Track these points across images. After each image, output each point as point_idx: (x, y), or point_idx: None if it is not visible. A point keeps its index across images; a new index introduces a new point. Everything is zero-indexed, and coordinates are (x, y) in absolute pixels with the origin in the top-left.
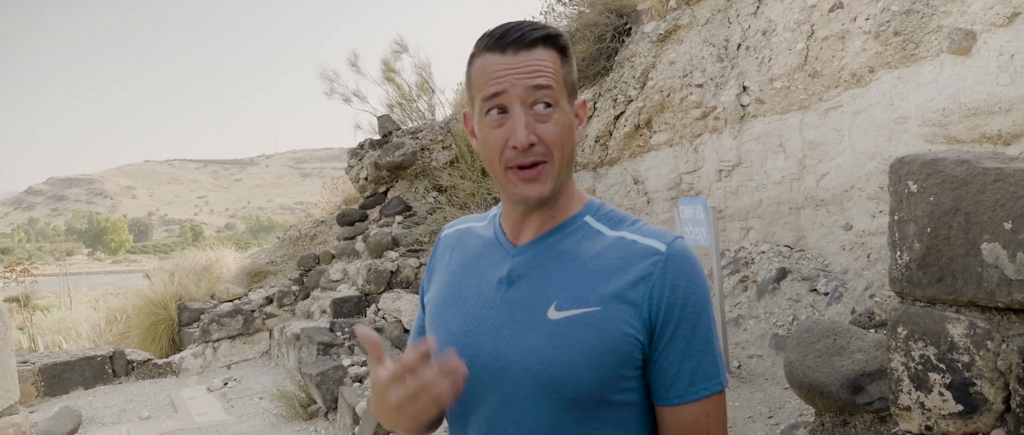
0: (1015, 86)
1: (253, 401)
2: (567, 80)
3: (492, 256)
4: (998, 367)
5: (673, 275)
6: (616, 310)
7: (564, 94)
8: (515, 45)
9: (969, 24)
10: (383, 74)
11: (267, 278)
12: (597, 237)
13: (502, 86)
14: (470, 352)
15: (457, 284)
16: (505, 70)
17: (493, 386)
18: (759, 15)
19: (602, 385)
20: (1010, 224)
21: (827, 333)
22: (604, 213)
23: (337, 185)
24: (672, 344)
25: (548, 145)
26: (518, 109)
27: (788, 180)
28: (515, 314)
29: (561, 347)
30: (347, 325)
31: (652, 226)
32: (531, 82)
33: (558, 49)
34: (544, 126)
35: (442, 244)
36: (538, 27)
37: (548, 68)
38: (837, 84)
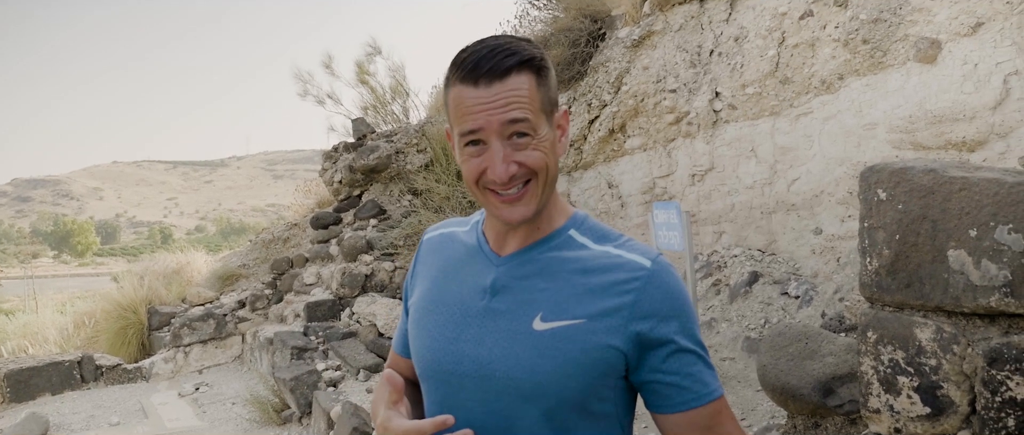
0: (979, 94)
1: (225, 406)
2: (545, 100)
3: (476, 264)
4: (964, 370)
5: (658, 291)
6: (600, 323)
7: (542, 117)
8: (487, 77)
9: (935, 33)
10: (357, 76)
11: (239, 281)
12: (581, 250)
13: (478, 122)
14: (452, 359)
15: (440, 290)
16: (479, 105)
17: (475, 393)
18: (731, 22)
19: (583, 395)
20: (975, 232)
21: (799, 337)
22: (589, 227)
23: (310, 188)
24: (662, 356)
25: (530, 168)
26: (496, 143)
27: (760, 185)
28: (499, 324)
29: (546, 358)
30: (321, 329)
31: (637, 243)
32: (505, 116)
33: (533, 70)
34: (523, 153)
35: (424, 247)
36: (511, 52)
37: (523, 97)
38: (807, 91)
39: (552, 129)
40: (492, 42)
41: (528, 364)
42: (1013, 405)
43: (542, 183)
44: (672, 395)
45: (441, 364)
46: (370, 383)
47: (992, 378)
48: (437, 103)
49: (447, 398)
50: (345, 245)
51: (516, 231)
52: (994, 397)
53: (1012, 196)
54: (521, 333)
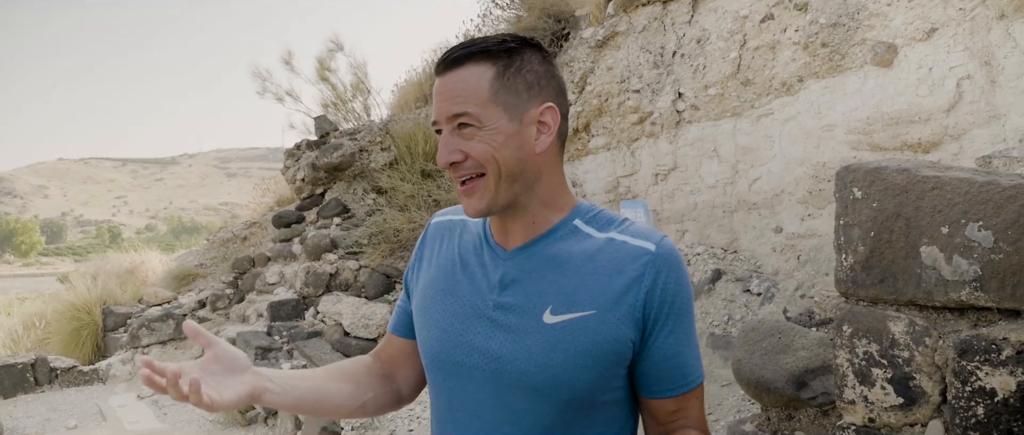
0: (933, 97)
1: (187, 408)
2: (502, 93)
3: (483, 257)
4: (935, 362)
5: (665, 274)
6: (611, 313)
7: (495, 109)
8: (443, 66)
9: (891, 38)
10: (318, 73)
11: (196, 281)
12: (587, 240)
13: (436, 113)
14: (463, 351)
15: (448, 279)
16: (437, 93)
17: (486, 386)
18: (693, 24)
19: (595, 386)
20: (947, 229)
21: (772, 332)
22: (593, 215)
23: (269, 186)
24: (664, 341)
25: (476, 159)
26: (445, 131)
27: (722, 184)
28: (509, 318)
29: (558, 351)
30: (285, 329)
31: (639, 226)
32: (448, 109)
33: (494, 61)
34: (466, 144)
35: (431, 232)
36: (472, 44)
37: (469, 88)
38: (768, 92)
39: (517, 123)
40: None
41: (540, 358)
42: (982, 394)
43: (495, 178)
44: (660, 380)
45: (450, 356)
46: None
47: (962, 369)
48: (401, 101)
49: (457, 389)
50: (308, 244)
51: (515, 225)
52: (964, 387)
53: (982, 195)
54: (532, 327)
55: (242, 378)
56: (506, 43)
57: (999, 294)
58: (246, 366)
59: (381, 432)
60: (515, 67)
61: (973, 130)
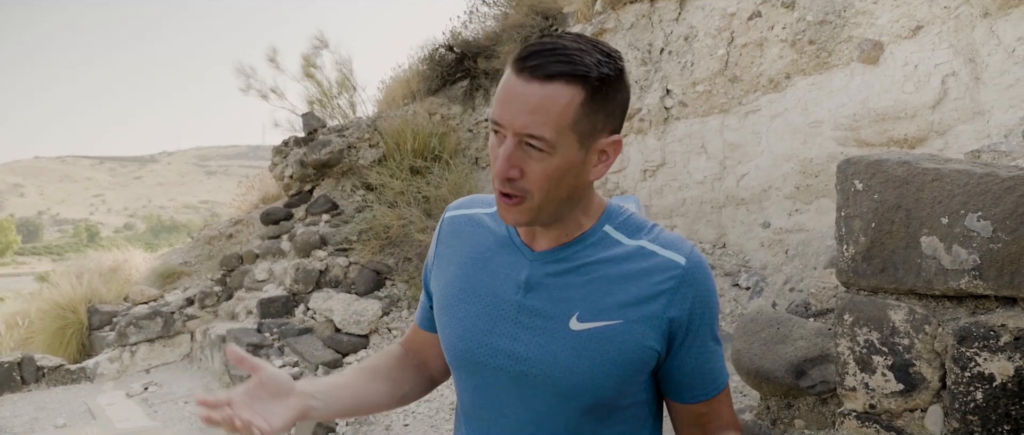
0: (919, 94)
1: (177, 405)
2: (587, 122)
3: (507, 256)
4: (935, 348)
5: (693, 288)
6: (638, 324)
7: (570, 137)
8: (530, 73)
9: (877, 35)
10: (302, 70)
11: (181, 279)
12: (617, 247)
13: (503, 116)
14: (487, 352)
15: (469, 278)
16: (512, 97)
17: (510, 387)
18: (681, 21)
19: (620, 392)
20: (946, 219)
21: (771, 322)
22: (622, 221)
23: (253, 183)
24: (689, 351)
25: (529, 183)
26: (510, 141)
27: (710, 180)
28: (535, 321)
29: (584, 358)
30: (276, 325)
31: (668, 234)
32: (525, 127)
33: (585, 87)
34: (530, 164)
35: (446, 227)
36: (569, 60)
37: (553, 111)
38: (756, 89)
39: (584, 152)
40: (565, 42)
41: (566, 364)
42: (981, 379)
43: (539, 202)
44: (689, 387)
45: (474, 355)
46: None
47: (961, 355)
48: (388, 98)
49: (481, 388)
50: (297, 241)
51: (547, 232)
52: (963, 373)
53: (981, 186)
54: (558, 333)
55: (288, 402)
56: (602, 68)
57: (997, 282)
58: (291, 388)
59: (376, 427)
60: (602, 95)
61: (958, 126)
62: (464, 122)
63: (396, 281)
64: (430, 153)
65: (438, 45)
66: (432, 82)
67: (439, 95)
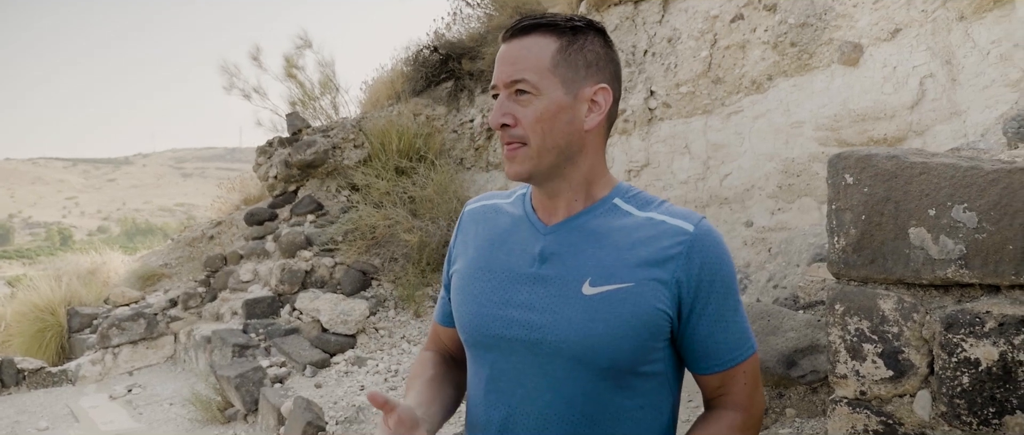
0: (898, 95)
1: (162, 407)
2: (561, 67)
3: (523, 233)
4: (923, 336)
5: (701, 254)
6: (648, 286)
7: (553, 80)
8: (510, 34)
9: (857, 38)
10: (285, 70)
11: (161, 281)
12: (627, 217)
13: (495, 76)
14: (501, 324)
15: (486, 258)
16: (500, 59)
17: (525, 357)
18: (664, 23)
19: (634, 356)
20: (934, 211)
21: (762, 315)
22: (632, 195)
23: (235, 185)
24: (704, 318)
25: (524, 128)
26: (502, 94)
27: (693, 180)
28: (549, 289)
29: (597, 321)
30: (262, 326)
31: (678, 207)
32: (509, 74)
33: (559, 34)
34: (520, 110)
35: (466, 219)
36: (539, 17)
37: (530, 57)
38: (738, 90)
39: (571, 97)
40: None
41: (580, 327)
42: (967, 364)
43: (537, 147)
44: (704, 357)
45: (489, 329)
46: (317, 378)
47: (948, 342)
48: (372, 98)
49: (496, 363)
50: (283, 241)
51: (560, 201)
52: (950, 358)
53: (966, 178)
54: (571, 297)
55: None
56: (573, 21)
57: (982, 271)
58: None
59: (367, 426)
60: (578, 44)
61: (936, 126)
62: (449, 123)
63: (383, 281)
64: (415, 153)
65: (422, 46)
66: (416, 83)
67: (424, 96)
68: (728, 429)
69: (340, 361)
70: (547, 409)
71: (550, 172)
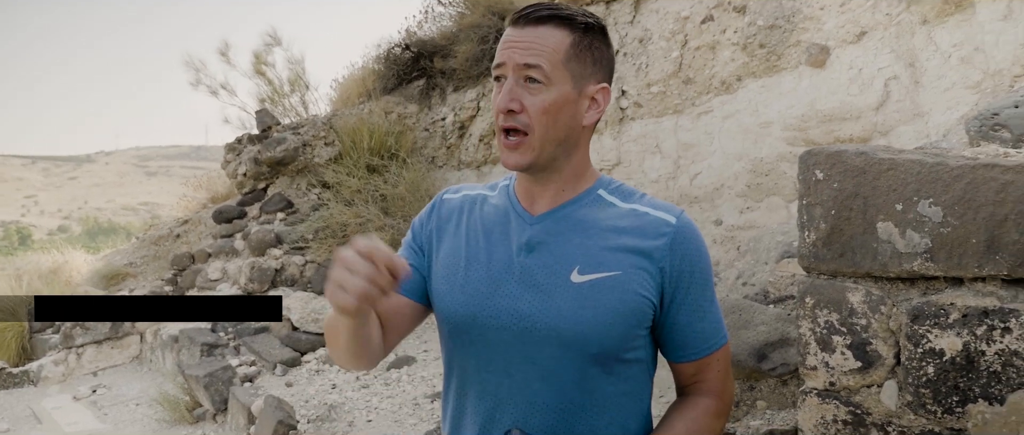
0: (863, 96)
1: (129, 408)
2: (573, 62)
3: (508, 224)
4: (890, 327)
5: (683, 245)
6: (634, 274)
7: (564, 74)
8: (525, 20)
9: (824, 40)
10: (253, 67)
11: (126, 280)
12: (611, 208)
13: (503, 58)
14: (489, 314)
15: (470, 248)
16: (510, 43)
17: (515, 346)
18: (636, 24)
19: (621, 343)
20: (901, 206)
21: (734, 309)
22: (615, 187)
23: (201, 182)
24: (684, 307)
25: (530, 117)
26: (511, 78)
27: (664, 179)
28: (537, 278)
29: (586, 308)
30: (231, 325)
31: (659, 200)
32: (523, 59)
33: (573, 30)
34: (529, 98)
35: (446, 207)
36: (556, 7)
37: (546, 46)
38: (708, 91)
39: (577, 93)
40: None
41: (570, 314)
42: (932, 355)
43: (540, 138)
44: (683, 346)
45: (478, 319)
46: (288, 377)
47: (914, 333)
48: (343, 96)
49: (484, 352)
50: (252, 239)
51: (546, 191)
52: (916, 349)
53: (932, 174)
54: (560, 285)
55: None
56: (586, 18)
57: (946, 264)
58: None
59: (339, 424)
60: (588, 41)
61: (899, 127)
62: (420, 121)
63: None
64: (387, 152)
65: (394, 44)
66: (388, 81)
67: (395, 94)
68: (704, 414)
69: (311, 360)
70: (536, 397)
71: (547, 163)
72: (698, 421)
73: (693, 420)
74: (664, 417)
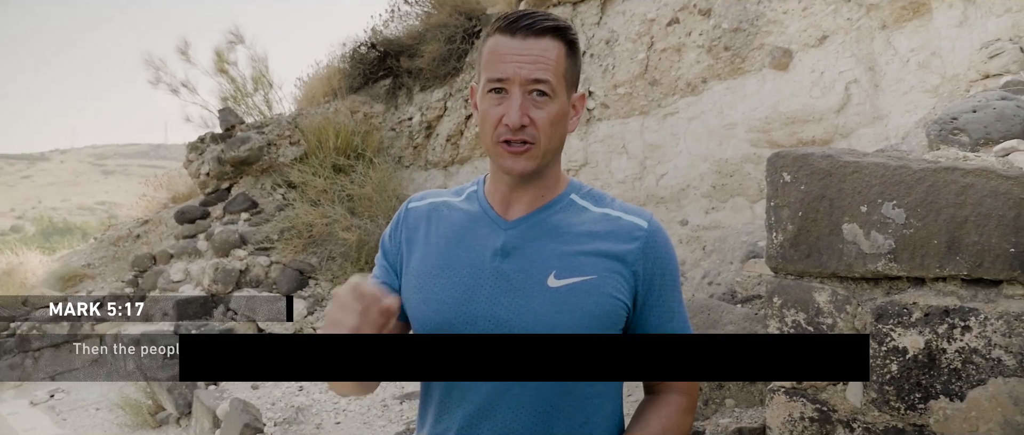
0: (825, 99)
1: (88, 412)
2: (569, 73)
3: (481, 229)
4: (855, 326)
5: (655, 249)
6: (609, 278)
7: (562, 86)
8: (524, 31)
9: (787, 43)
10: (215, 65)
11: (84, 282)
12: (584, 212)
13: (507, 71)
14: (465, 320)
15: (444, 255)
16: (512, 55)
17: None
18: (603, 25)
19: None
20: (865, 208)
21: (702, 309)
22: (586, 192)
23: (162, 182)
24: (656, 309)
25: (538, 129)
26: (517, 92)
27: (631, 180)
28: (512, 283)
29: (563, 313)
30: (194, 328)
31: (630, 205)
32: (531, 73)
33: (566, 42)
34: (537, 112)
35: (412, 216)
36: (550, 18)
37: (550, 60)
38: (674, 92)
39: (568, 103)
40: (537, 9)
41: (547, 319)
42: (896, 353)
43: (544, 147)
44: None
45: (453, 326)
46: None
47: (878, 331)
48: (308, 95)
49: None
50: (216, 240)
51: (521, 196)
52: (880, 347)
53: (896, 177)
54: (536, 291)
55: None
56: (571, 29)
57: (909, 264)
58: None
59: (307, 426)
60: (575, 51)
61: (860, 129)
62: (387, 121)
63: (320, 280)
64: (353, 151)
65: (360, 43)
66: (354, 80)
67: (361, 93)
68: (677, 411)
69: None
70: (515, 401)
71: (543, 168)
72: (672, 418)
73: (667, 417)
74: (637, 414)
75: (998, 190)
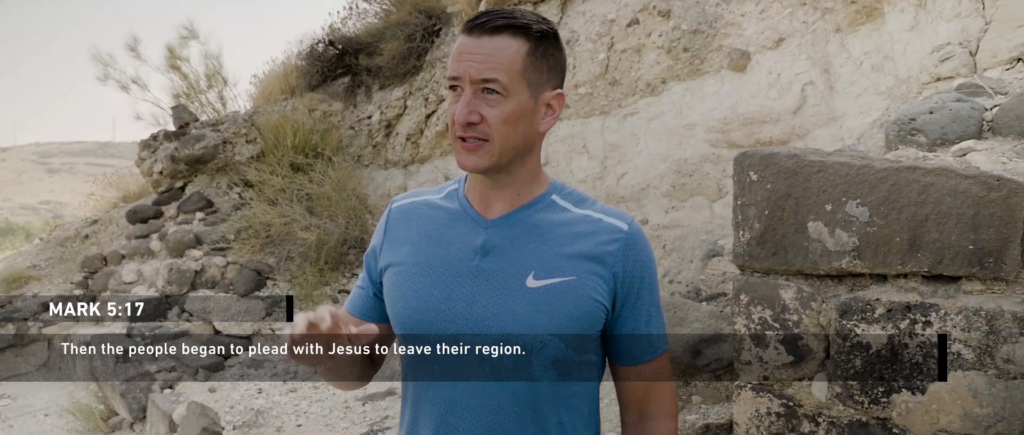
0: (782, 100)
1: (37, 419)
2: (528, 71)
3: (461, 228)
4: (820, 323)
5: (635, 252)
6: (589, 280)
7: (521, 83)
8: (479, 29)
9: (745, 45)
10: (167, 61)
11: (29, 283)
12: (565, 213)
13: (459, 70)
14: (442, 319)
15: (423, 253)
16: (465, 53)
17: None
18: (563, 25)
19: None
20: (830, 206)
21: (668, 307)
22: (567, 192)
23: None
24: (632, 311)
25: (490, 127)
26: (467, 90)
27: (591, 179)
28: (491, 283)
29: (542, 313)
30: (148, 330)
31: (610, 206)
32: (480, 72)
33: (529, 38)
34: (489, 110)
35: (394, 216)
36: (511, 16)
37: (503, 58)
38: (634, 92)
39: (533, 101)
40: (505, 7)
41: (525, 319)
42: (859, 348)
43: (500, 145)
44: (633, 349)
45: (431, 325)
46: (211, 382)
47: (843, 327)
48: (264, 92)
49: (439, 356)
50: (170, 240)
51: (501, 195)
52: (844, 343)
53: (859, 176)
54: (515, 290)
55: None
56: (540, 24)
57: (872, 261)
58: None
59: (267, 429)
60: (543, 49)
61: (816, 130)
62: (346, 119)
63: (278, 281)
64: (311, 150)
65: (317, 40)
66: (311, 77)
67: (319, 91)
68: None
69: (235, 364)
70: (491, 400)
71: (505, 168)
72: None
73: None
74: None
75: (957, 189)
